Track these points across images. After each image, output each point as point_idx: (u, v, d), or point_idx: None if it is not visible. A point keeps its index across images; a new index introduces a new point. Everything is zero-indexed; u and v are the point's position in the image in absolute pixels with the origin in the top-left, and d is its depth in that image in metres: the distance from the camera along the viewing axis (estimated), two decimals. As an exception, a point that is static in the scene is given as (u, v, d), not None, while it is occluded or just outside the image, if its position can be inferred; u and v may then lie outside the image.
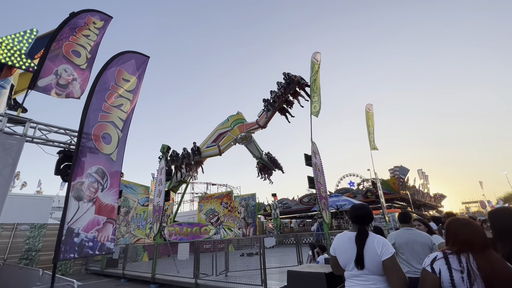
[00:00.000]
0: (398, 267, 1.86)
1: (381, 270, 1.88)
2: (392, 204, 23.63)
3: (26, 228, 11.62)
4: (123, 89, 5.46)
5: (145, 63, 6.13)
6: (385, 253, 1.87)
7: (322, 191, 8.45)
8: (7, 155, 4.23)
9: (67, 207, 3.90)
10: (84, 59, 5.84)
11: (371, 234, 2.02)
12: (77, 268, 12.63)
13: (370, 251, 1.92)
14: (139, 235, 16.85)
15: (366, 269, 1.92)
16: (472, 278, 1.51)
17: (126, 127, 5.32)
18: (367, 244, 1.95)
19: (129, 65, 5.75)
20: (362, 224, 2.06)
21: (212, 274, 7.48)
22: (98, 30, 6.29)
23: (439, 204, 34.76)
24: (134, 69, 5.85)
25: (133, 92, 5.65)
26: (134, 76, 5.79)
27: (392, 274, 1.83)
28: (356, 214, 2.10)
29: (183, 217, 22.31)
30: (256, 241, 14.39)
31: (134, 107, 5.63)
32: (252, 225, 21.14)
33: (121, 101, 5.34)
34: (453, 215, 4.58)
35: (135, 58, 5.92)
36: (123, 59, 5.69)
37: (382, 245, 1.90)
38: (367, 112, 14.12)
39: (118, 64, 5.54)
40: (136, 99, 5.70)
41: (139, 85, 5.84)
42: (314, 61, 9.97)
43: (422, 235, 3.00)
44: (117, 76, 5.41)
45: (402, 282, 1.81)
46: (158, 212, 9.83)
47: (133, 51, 6.01)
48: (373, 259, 1.90)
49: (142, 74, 6.00)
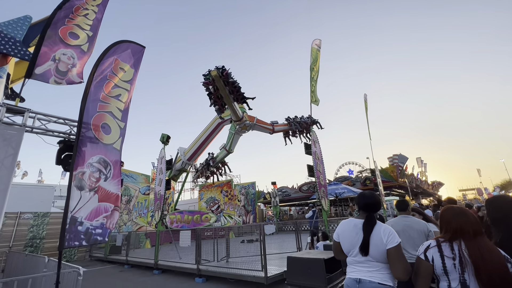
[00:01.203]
0: (402, 256, 1.88)
1: (385, 258, 1.91)
2: (390, 191, 23.91)
3: (30, 217, 11.79)
4: (120, 79, 5.36)
5: (141, 53, 5.99)
6: (391, 242, 1.89)
7: (321, 179, 8.54)
8: (8, 145, 4.24)
9: (70, 196, 3.95)
10: (85, 39, 5.66)
11: (378, 222, 2.03)
12: (82, 255, 12.93)
13: (376, 239, 1.94)
14: (141, 223, 17.13)
15: (370, 256, 1.94)
16: (463, 265, 1.55)
17: (125, 117, 5.25)
18: (374, 232, 1.97)
19: (126, 54, 5.63)
20: (370, 212, 2.08)
21: (214, 260, 7.67)
22: (98, 7, 6.06)
23: (436, 192, 35.20)
24: (131, 59, 5.72)
25: (130, 82, 5.55)
26: (130, 66, 5.68)
27: (396, 263, 1.86)
28: (365, 202, 2.11)
29: (184, 205, 22.60)
30: (256, 228, 14.67)
31: (131, 97, 5.55)
32: (252, 213, 21.46)
33: (119, 91, 5.25)
34: (453, 201, 4.64)
35: (131, 48, 5.78)
36: (120, 48, 5.55)
37: (388, 234, 1.92)
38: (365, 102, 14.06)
39: (115, 54, 5.40)
40: (132, 90, 5.61)
41: (135, 75, 5.74)
42: (315, 48, 9.80)
43: (419, 223, 3.06)
44: (114, 66, 5.30)
45: (405, 271, 1.84)
46: (159, 200, 9.97)
47: (129, 41, 5.86)
48: (378, 247, 1.92)
49: (138, 64, 5.88)
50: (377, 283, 1.88)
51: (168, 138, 10.88)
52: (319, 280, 3.42)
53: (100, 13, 6.16)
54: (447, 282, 1.61)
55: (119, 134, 4.96)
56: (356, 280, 1.96)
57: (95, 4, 6.10)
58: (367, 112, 13.82)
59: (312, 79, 9.45)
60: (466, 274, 1.53)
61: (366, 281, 1.91)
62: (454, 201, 4.63)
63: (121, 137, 4.97)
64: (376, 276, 1.90)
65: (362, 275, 1.95)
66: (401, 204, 3.32)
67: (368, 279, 1.91)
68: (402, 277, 1.84)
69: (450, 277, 1.59)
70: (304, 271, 3.63)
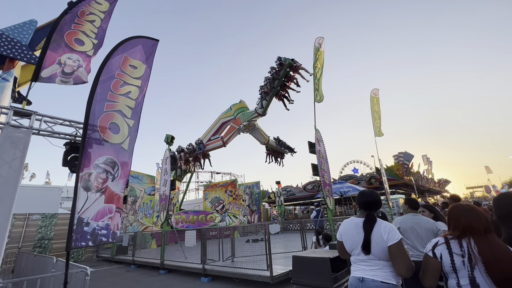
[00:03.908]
0: (404, 253, 1.86)
1: (387, 256, 1.90)
2: (396, 190, 23.68)
3: (38, 218, 11.98)
4: (130, 76, 5.26)
5: (154, 47, 5.82)
6: (391, 239, 1.88)
7: (326, 178, 8.50)
8: (15, 147, 4.30)
9: (77, 198, 4.00)
10: (90, 45, 5.67)
11: (379, 220, 2.03)
12: (89, 256, 13.08)
13: (377, 237, 1.94)
14: (147, 223, 17.27)
15: (373, 254, 1.94)
16: (473, 262, 1.53)
17: (137, 114, 5.12)
18: (374, 229, 1.97)
19: (136, 51, 5.50)
20: (370, 210, 2.09)
21: (219, 259, 7.68)
22: (104, 14, 6.07)
23: (443, 190, 34.74)
24: (142, 55, 5.57)
25: (142, 78, 5.42)
26: (142, 61, 5.54)
27: (397, 260, 1.85)
28: (364, 200, 2.13)
29: (189, 206, 22.73)
30: (261, 228, 14.67)
31: (145, 93, 5.41)
32: (257, 212, 21.47)
33: (129, 89, 5.15)
34: (458, 199, 4.58)
35: (142, 43, 5.64)
36: (130, 45, 5.44)
37: (388, 231, 1.92)
38: (372, 98, 13.88)
39: (124, 51, 5.30)
40: (146, 85, 5.47)
41: (148, 71, 5.59)
42: (317, 47, 9.74)
43: (428, 221, 3.03)
44: (122, 64, 5.21)
45: (407, 268, 1.82)
46: (164, 201, 10.03)
47: (140, 36, 5.71)
48: (379, 244, 1.92)
49: (151, 59, 5.71)
50: (379, 281, 1.87)
51: (173, 139, 10.94)
52: (325, 279, 3.40)
53: (105, 23, 6.16)
54: (455, 279, 1.59)
55: (128, 133, 4.90)
56: (360, 278, 1.97)
57: (101, 10, 6.11)
58: (374, 108, 13.60)
59: (315, 77, 9.39)
60: (476, 271, 1.51)
61: (369, 280, 1.91)
62: (458, 198, 4.57)
63: (129, 137, 4.90)
64: (378, 274, 1.90)
65: (365, 273, 1.95)
66: (411, 202, 3.29)
67: (371, 277, 1.91)
68: (404, 274, 1.82)
69: (459, 274, 1.57)
70: (309, 270, 3.61)
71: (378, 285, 1.87)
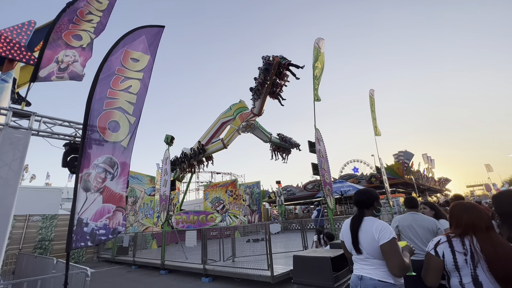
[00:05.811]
0: (396, 252, 1.83)
1: (381, 255, 1.89)
2: (396, 189, 23.66)
3: (38, 219, 11.98)
4: (131, 70, 5.08)
5: (158, 34, 5.54)
6: (382, 238, 1.87)
7: (326, 178, 8.49)
8: (15, 148, 4.29)
9: (76, 198, 3.98)
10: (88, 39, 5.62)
11: (371, 218, 2.03)
12: (89, 256, 13.07)
13: (368, 236, 1.95)
14: (147, 224, 17.26)
15: (367, 253, 1.94)
16: (475, 260, 1.52)
17: (138, 109, 4.95)
18: (365, 228, 1.99)
19: (138, 42, 5.28)
20: (360, 208, 2.13)
21: (220, 259, 7.67)
22: (102, 12, 6.02)
23: (444, 188, 34.71)
24: (145, 46, 5.35)
25: (143, 70, 5.20)
26: (145, 53, 5.32)
27: (389, 259, 1.83)
28: (355, 199, 2.19)
29: (189, 206, 22.71)
30: (261, 228, 14.65)
31: (148, 84, 5.20)
32: (257, 212, 21.46)
33: (130, 83, 4.96)
34: (461, 198, 4.57)
35: (145, 34, 5.40)
36: (131, 38, 5.22)
37: (380, 230, 1.90)
38: (370, 97, 13.91)
39: (124, 45, 5.10)
40: (149, 76, 5.26)
41: (151, 61, 5.35)
42: (317, 47, 9.73)
43: (428, 220, 3.00)
44: (123, 58, 5.02)
45: (399, 267, 1.78)
46: (164, 201, 10.02)
47: (142, 26, 5.47)
48: (371, 244, 1.91)
49: (155, 48, 5.46)
50: (377, 280, 1.87)
51: (172, 139, 10.94)
52: (326, 279, 3.39)
53: (105, 18, 6.12)
54: (458, 278, 1.58)
55: (128, 131, 4.78)
56: (359, 276, 1.99)
57: (100, 9, 6.09)
58: (372, 108, 13.67)
59: (315, 77, 9.38)
60: (479, 269, 1.50)
61: (367, 278, 1.92)
62: (461, 198, 4.55)
63: (130, 134, 4.77)
64: (376, 273, 1.90)
65: (363, 272, 1.97)
66: (410, 201, 3.28)
67: (368, 276, 1.92)
68: (396, 273, 1.80)
69: (462, 272, 1.56)
70: (310, 269, 3.60)
71: (375, 283, 1.87)
